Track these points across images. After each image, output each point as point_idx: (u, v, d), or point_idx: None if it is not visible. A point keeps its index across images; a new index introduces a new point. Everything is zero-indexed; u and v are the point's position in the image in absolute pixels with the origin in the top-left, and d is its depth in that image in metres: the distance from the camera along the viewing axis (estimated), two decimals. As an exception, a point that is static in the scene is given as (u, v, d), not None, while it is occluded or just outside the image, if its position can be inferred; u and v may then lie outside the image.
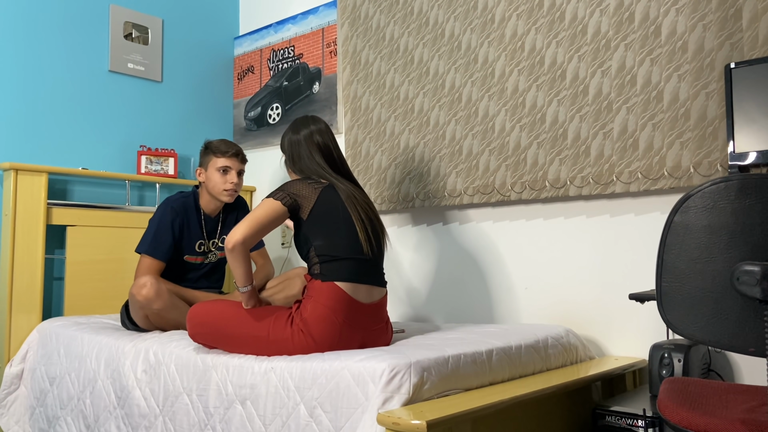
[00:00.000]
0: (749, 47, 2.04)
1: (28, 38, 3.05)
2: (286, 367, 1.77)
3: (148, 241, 2.49)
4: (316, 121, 2.17)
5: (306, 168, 2.11)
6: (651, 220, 2.30)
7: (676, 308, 1.19)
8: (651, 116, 2.23)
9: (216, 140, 2.59)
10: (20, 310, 2.78)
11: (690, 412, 1.21)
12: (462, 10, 2.75)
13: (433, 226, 2.91)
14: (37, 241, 2.84)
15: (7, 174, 2.83)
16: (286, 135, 2.17)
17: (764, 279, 1.02)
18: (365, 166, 3.05)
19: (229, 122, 3.84)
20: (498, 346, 1.93)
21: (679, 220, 1.17)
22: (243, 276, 1.94)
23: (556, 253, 2.53)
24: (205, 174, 2.57)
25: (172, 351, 2.07)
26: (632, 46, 2.29)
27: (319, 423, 1.66)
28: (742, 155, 1.92)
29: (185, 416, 1.96)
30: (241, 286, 1.96)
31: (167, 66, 3.56)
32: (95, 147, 3.25)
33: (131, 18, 3.41)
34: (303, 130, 2.14)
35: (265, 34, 3.71)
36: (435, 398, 1.65)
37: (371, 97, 3.06)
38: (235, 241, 1.88)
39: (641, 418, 1.79)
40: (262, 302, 2.04)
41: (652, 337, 2.29)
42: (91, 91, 3.25)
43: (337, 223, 2.00)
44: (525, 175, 2.53)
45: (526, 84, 2.54)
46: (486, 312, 2.72)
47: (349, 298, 1.93)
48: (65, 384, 2.42)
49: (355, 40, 3.15)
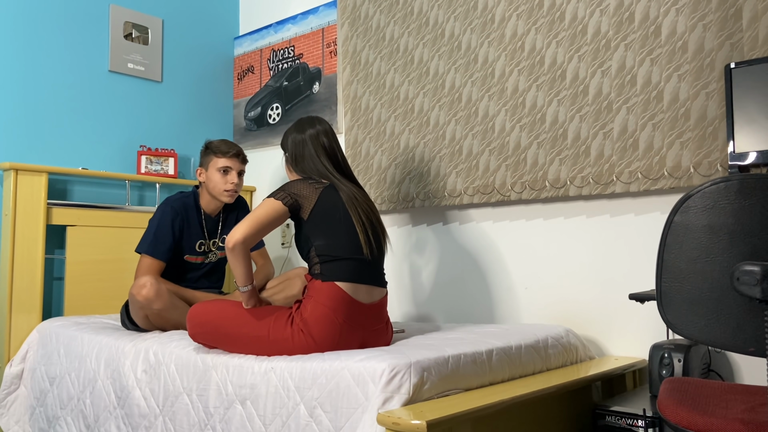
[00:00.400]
0: (749, 47, 2.04)
1: (28, 38, 3.05)
2: (286, 367, 1.77)
3: (148, 241, 2.49)
4: (321, 121, 2.17)
5: (309, 168, 2.10)
6: (651, 220, 2.30)
7: (676, 308, 1.19)
8: (651, 116, 2.23)
9: (216, 140, 2.60)
10: (20, 310, 2.78)
11: (690, 412, 1.21)
12: (462, 10, 2.75)
13: (433, 226, 2.91)
14: (37, 241, 2.84)
15: (7, 174, 2.84)
16: (289, 134, 2.16)
17: (764, 279, 1.02)
18: (365, 166, 3.05)
19: (229, 122, 3.84)
20: (498, 346, 1.93)
21: (679, 220, 1.17)
22: (243, 276, 1.94)
23: (556, 253, 2.53)
24: (206, 174, 2.57)
25: (172, 351, 2.07)
26: (632, 46, 2.29)
27: (319, 423, 1.66)
28: (742, 155, 1.92)
29: (185, 416, 1.96)
30: (241, 285, 1.96)
31: (167, 66, 3.56)
32: (95, 147, 3.25)
33: (131, 18, 3.41)
34: (309, 129, 2.14)
35: (265, 34, 3.71)
36: (435, 398, 1.65)
37: (371, 97, 3.06)
38: (236, 241, 1.88)
39: (641, 418, 1.79)
40: (262, 302, 2.04)
41: (652, 337, 2.29)
42: (91, 91, 3.25)
43: (338, 223, 2.00)
44: (525, 175, 2.53)
45: (526, 84, 2.54)
46: (486, 312, 2.72)
47: (349, 298, 1.93)
48: (65, 384, 2.42)
49: (355, 40, 3.15)
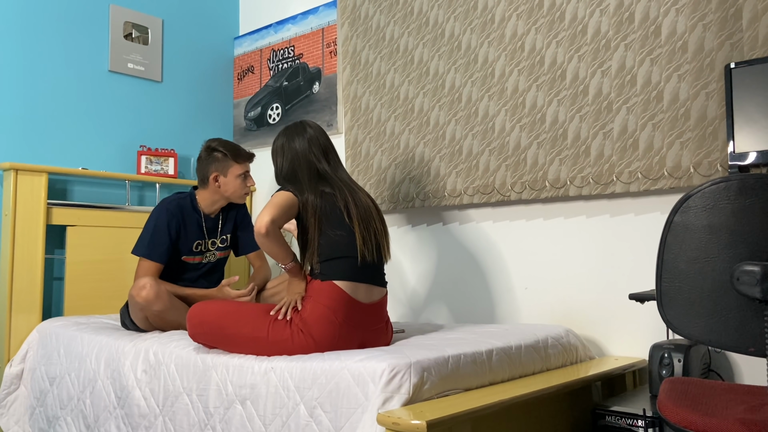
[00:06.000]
0: (749, 47, 2.04)
1: (28, 38, 3.05)
2: (286, 367, 1.77)
3: (145, 243, 2.48)
4: (311, 124, 2.16)
5: (307, 172, 2.08)
6: (651, 220, 2.30)
7: (676, 308, 1.19)
8: (651, 116, 2.23)
9: (225, 144, 2.54)
10: (20, 310, 2.78)
11: (690, 412, 1.21)
12: (462, 10, 2.75)
13: (433, 226, 2.91)
14: (37, 241, 2.84)
15: (7, 174, 2.83)
16: (283, 146, 2.13)
17: (764, 279, 1.02)
18: (365, 166, 3.05)
19: (229, 122, 3.84)
20: (498, 346, 1.93)
21: (679, 220, 1.17)
22: (283, 254, 1.97)
23: (556, 253, 2.52)
24: (223, 179, 2.55)
25: (172, 351, 2.07)
26: (632, 46, 2.29)
27: (319, 423, 1.66)
28: (742, 155, 1.92)
29: (185, 416, 1.96)
30: (283, 263, 1.98)
31: (167, 66, 3.56)
32: (95, 147, 3.25)
33: (131, 18, 3.41)
34: (302, 134, 2.12)
35: (265, 34, 3.71)
36: (435, 398, 1.65)
37: (371, 97, 3.06)
38: (266, 223, 1.89)
39: (641, 418, 1.79)
40: (306, 277, 2.03)
41: (652, 337, 2.29)
42: (91, 91, 3.25)
43: (338, 223, 2.00)
44: (525, 175, 2.52)
45: (526, 84, 2.54)
46: (486, 312, 2.72)
47: (348, 297, 1.93)
48: (65, 384, 2.42)
49: (355, 40, 3.15)
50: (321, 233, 1.99)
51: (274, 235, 1.92)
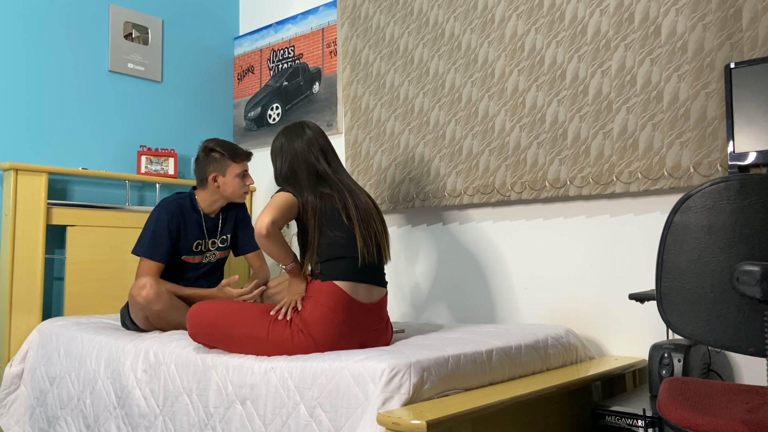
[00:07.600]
0: (749, 47, 2.04)
1: (29, 38, 3.05)
2: (286, 367, 1.77)
3: (145, 243, 2.48)
4: (309, 125, 2.16)
5: (306, 173, 2.09)
6: (651, 220, 2.30)
7: (676, 308, 1.19)
8: (651, 116, 2.23)
9: (223, 144, 2.55)
10: (20, 310, 2.78)
11: (690, 412, 1.21)
12: (462, 10, 2.75)
13: (433, 226, 2.91)
14: (37, 241, 2.84)
15: (7, 174, 2.83)
16: (283, 147, 2.13)
17: (764, 279, 1.02)
18: (365, 166, 3.05)
19: (229, 122, 3.84)
20: (498, 346, 1.93)
21: (679, 220, 1.17)
22: (284, 254, 1.97)
23: (556, 253, 2.53)
24: (222, 179, 2.55)
25: (172, 351, 2.07)
26: (632, 46, 2.29)
27: (319, 423, 1.66)
28: (742, 155, 1.92)
29: (185, 416, 1.96)
30: (283, 264, 1.98)
31: (167, 66, 3.56)
32: (95, 147, 3.25)
33: (131, 18, 3.41)
34: (302, 135, 2.12)
35: (265, 34, 3.71)
36: (435, 398, 1.65)
37: (371, 97, 3.06)
38: (266, 224, 1.89)
39: (641, 418, 1.79)
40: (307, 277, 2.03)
41: (652, 337, 2.29)
42: (91, 91, 3.25)
43: (338, 223, 2.00)
44: (525, 175, 2.53)
45: (526, 84, 2.54)
46: (486, 312, 2.72)
47: (348, 297, 1.94)
48: (65, 384, 2.42)
49: (355, 40, 3.15)
50: (321, 234, 1.99)
51: (274, 236, 1.92)
